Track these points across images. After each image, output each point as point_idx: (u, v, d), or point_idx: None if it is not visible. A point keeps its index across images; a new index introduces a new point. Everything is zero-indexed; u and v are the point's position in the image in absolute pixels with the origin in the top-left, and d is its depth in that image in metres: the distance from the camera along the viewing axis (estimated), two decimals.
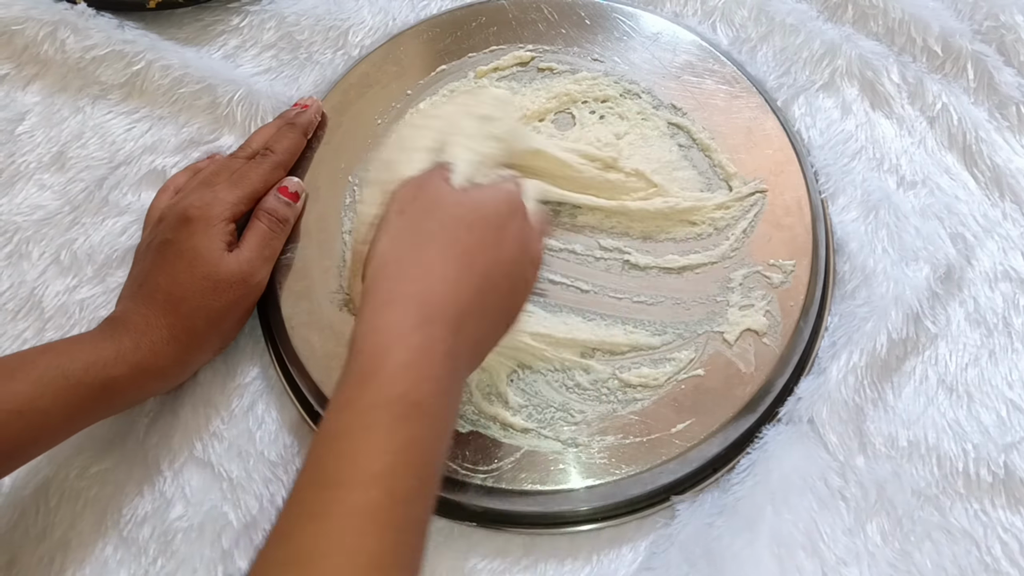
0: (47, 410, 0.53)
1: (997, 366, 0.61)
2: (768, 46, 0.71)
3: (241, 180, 0.62)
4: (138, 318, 0.57)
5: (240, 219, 0.61)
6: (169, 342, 0.57)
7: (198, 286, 0.58)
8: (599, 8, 0.70)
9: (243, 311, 0.61)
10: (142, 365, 0.56)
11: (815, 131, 0.68)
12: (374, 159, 0.60)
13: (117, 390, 0.55)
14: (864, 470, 0.58)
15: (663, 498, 0.59)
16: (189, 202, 0.60)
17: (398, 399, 0.44)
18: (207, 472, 0.60)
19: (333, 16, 0.73)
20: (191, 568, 0.58)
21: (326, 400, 0.59)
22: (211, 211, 0.59)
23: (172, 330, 0.57)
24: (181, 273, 0.58)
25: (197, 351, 0.59)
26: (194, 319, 0.58)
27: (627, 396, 0.58)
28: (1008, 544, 0.56)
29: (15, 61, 0.72)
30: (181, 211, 0.60)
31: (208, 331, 0.59)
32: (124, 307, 0.59)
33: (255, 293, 0.61)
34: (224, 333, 0.61)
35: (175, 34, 0.74)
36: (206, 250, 0.58)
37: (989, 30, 0.69)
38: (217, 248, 0.59)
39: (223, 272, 0.58)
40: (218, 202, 0.60)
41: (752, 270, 0.61)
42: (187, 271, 0.58)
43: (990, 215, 0.65)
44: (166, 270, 0.59)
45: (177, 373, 0.59)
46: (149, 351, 0.56)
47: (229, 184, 0.61)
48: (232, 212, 0.60)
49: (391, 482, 0.42)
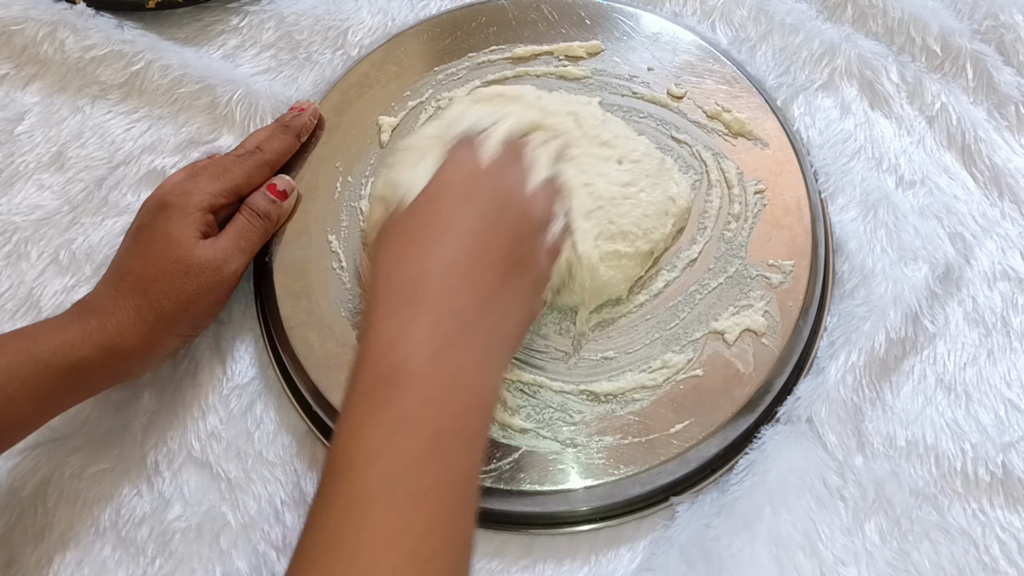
0: (15, 396, 0.53)
1: (995, 365, 0.61)
2: (767, 46, 0.71)
3: (224, 173, 0.62)
4: (106, 299, 0.57)
5: (222, 213, 0.61)
6: (136, 323, 0.57)
7: (169, 269, 0.58)
8: (599, 8, 0.70)
9: (214, 299, 0.60)
10: (107, 345, 0.56)
11: (814, 131, 0.68)
12: (384, 175, 0.60)
13: (85, 371, 0.55)
14: (862, 470, 0.58)
15: (662, 498, 0.59)
16: (168, 189, 0.61)
17: (389, 374, 0.45)
18: (205, 472, 0.60)
19: (332, 16, 0.73)
20: (189, 568, 0.58)
21: (325, 400, 0.60)
22: (188, 199, 0.60)
23: (139, 311, 0.57)
24: (153, 256, 0.58)
25: (164, 333, 0.58)
26: (162, 301, 0.57)
27: (626, 396, 0.58)
28: (1006, 543, 0.56)
29: (14, 61, 0.72)
30: (159, 197, 0.60)
31: (176, 314, 0.58)
32: (96, 290, 0.59)
33: (228, 281, 0.60)
34: (194, 318, 0.60)
35: (174, 34, 0.74)
36: (180, 235, 0.58)
37: (988, 30, 0.69)
38: (191, 235, 0.59)
39: (195, 257, 0.58)
40: (197, 191, 0.60)
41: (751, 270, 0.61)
42: (159, 254, 0.58)
43: (989, 214, 0.65)
44: (138, 253, 0.59)
45: (144, 354, 0.58)
46: (115, 330, 0.56)
47: (211, 176, 0.62)
48: (210, 202, 0.60)
49: (390, 456, 0.43)
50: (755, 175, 0.64)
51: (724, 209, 0.63)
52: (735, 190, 0.63)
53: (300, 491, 0.60)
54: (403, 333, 0.47)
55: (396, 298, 0.49)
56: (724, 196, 0.63)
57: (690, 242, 0.62)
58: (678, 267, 0.61)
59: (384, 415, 0.44)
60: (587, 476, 0.56)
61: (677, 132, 0.65)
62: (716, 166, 0.64)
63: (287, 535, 0.59)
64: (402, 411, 0.45)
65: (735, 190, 0.63)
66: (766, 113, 0.66)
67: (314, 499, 0.44)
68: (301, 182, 0.65)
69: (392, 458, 0.43)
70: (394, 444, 0.44)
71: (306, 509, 0.59)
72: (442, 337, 0.47)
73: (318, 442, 0.61)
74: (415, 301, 0.48)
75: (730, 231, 0.62)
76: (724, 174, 0.64)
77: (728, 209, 0.63)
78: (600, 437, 0.57)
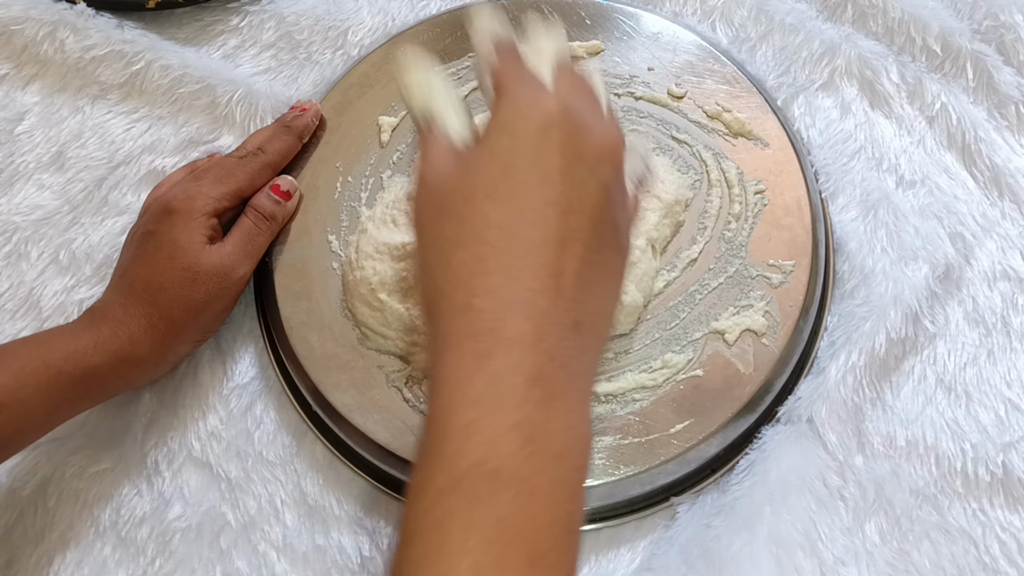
0: (28, 401, 0.53)
1: (996, 365, 0.61)
2: (767, 45, 0.71)
3: (227, 177, 0.62)
4: (117, 308, 0.57)
5: (226, 216, 0.61)
6: (147, 331, 0.57)
7: (177, 277, 0.58)
8: (599, 8, 0.70)
9: (223, 304, 0.60)
10: (120, 354, 0.56)
11: (814, 131, 0.68)
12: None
13: (97, 379, 0.56)
14: (863, 470, 0.58)
15: (662, 498, 0.59)
16: (173, 194, 0.61)
17: (467, 473, 0.37)
18: (205, 472, 0.60)
19: (332, 16, 0.73)
20: (189, 568, 0.58)
21: (325, 400, 0.59)
22: (193, 204, 0.60)
23: (150, 319, 0.57)
24: (160, 264, 0.58)
25: (175, 341, 0.59)
26: (172, 309, 0.58)
27: (626, 396, 0.58)
28: (1006, 543, 0.56)
29: (14, 61, 0.72)
30: (164, 203, 0.60)
31: (187, 321, 0.58)
32: (105, 298, 0.60)
33: (236, 287, 0.60)
34: (203, 325, 0.60)
35: (174, 34, 0.74)
36: (186, 242, 0.58)
37: (988, 29, 0.69)
38: (197, 241, 0.59)
39: (202, 264, 0.58)
40: (201, 196, 0.60)
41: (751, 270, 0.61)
42: (166, 262, 0.58)
43: (989, 214, 0.65)
44: (146, 260, 0.59)
45: (155, 362, 0.59)
46: (127, 340, 0.56)
47: (214, 180, 0.61)
48: (215, 207, 0.60)
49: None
50: (755, 175, 0.64)
51: (724, 209, 0.63)
52: (735, 190, 0.63)
53: (300, 491, 0.60)
54: (488, 407, 0.38)
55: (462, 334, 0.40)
56: (724, 196, 0.63)
57: (690, 242, 0.62)
58: (678, 267, 0.61)
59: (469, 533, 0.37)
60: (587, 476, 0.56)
61: (677, 132, 0.65)
62: (716, 166, 0.64)
63: (287, 535, 0.59)
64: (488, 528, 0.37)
65: (735, 190, 0.63)
66: (766, 113, 0.66)
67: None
68: (301, 182, 0.65)
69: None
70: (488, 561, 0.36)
71: (306, 509, 0.59)
72: (536, 404, 0.39)
73: (318, 442, 0.61)
74: (494, 344, 0.39)
75: (730, 231, 0.62)
76: (724, 174, 0.64)
77: (728, 209, 0.63)
78: (600, 437, 0.57)
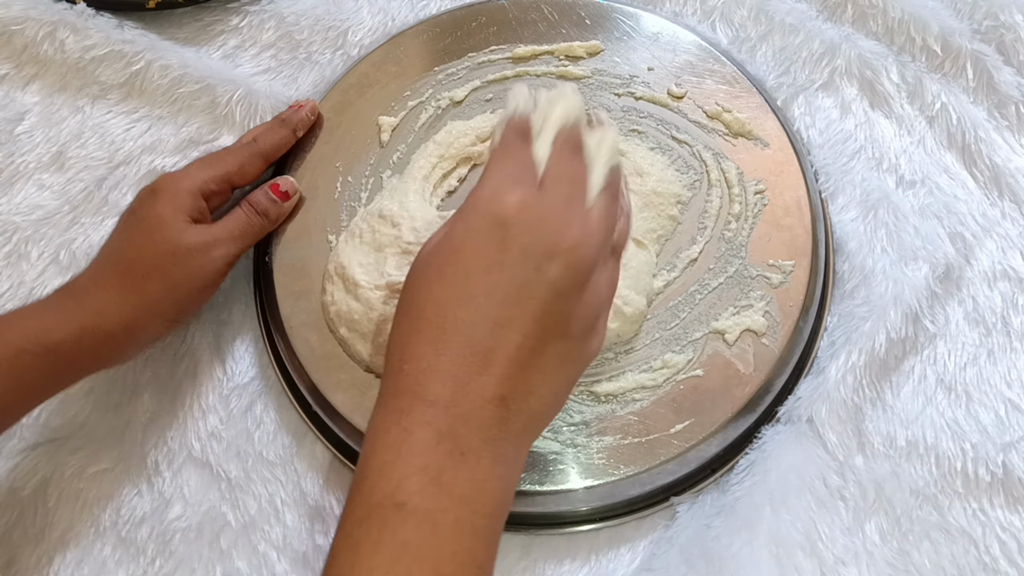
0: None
1: (996, 365, 0.61)
2: (767, 46, 0.71)
3: (216, 161, 0.62)
4: (87, 281, 0.57)
5: (214, 200, 0.61)
6: (117, 303, 0.56)
7: (156, 250, 0.57)
8: (599, 8, 0.70)
9: (202, 283, 0.59)
10: (86, 326, 0.55)
11: (814, 131, 0.68)
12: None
13: (62, 356, 0.54)
14: (863, 470, 0.58)
15: (662, 498, 0.59)
16: (160, 176, 0.61)
17: (379, 504, 0.41)
18: (205, 472, 0.60)
19: (332, 16, 0.73)
20: (189, 568, 0.58)
21: (325, 400, 0.59)
22: (179, 184, 0.59)
23: (121, 291, 0.56)
24: (140, 237, 0.58)
25: (146, 316, 0.57)
26: (147, 281, 0.57)
27: (626, 396, 0.58)
28: (1006, 543, 0.56)
29: (14, 61, 0.72)
30: (151, 184, 0.60)
31: (161, 296, 0.57)
32: (80, 274, 0.58)
33: (215, 266, 0.59)
34: (179, 302, 0.58)
35: (174, 34, 0.74)
36: (169, 217, 0.58)
37: (988, 29, 0.69)
38: (180, 218, 0.58)
39: (184, 239, 0.58)
40: (187, 177, 0.60)
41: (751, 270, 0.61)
42: (146, 235, 0.58)
43: (989, 214, 0.65)
44: (126, 235, 0.59)
45: (125, 338, 0.57)
46: (94, 311, 0.55)
47: (202, 163, 0.62)
48: (200, 187, 0.60)
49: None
50: (755, 175, 0.64)
51: (724, 209, 0.63)
52: (735, 190, 0.63)
53: (300, 491, 0.60)
54: (399, 453, 0.42)
55: (390, 393, 0.44)
56: (724, 196, 0.63)
57: (690, 242, 0.62)
58: (678, 267, 0.61)
59: (376, 553, 0.41)
60: (587, 476, 0.56)
61: (677, 132, 0.65)
62: (716, 166, 0.64)
63: (287, 535, 0.59)
64: (394, 549, 0.41)
65: (735, 190, 0.63)
66: (766, 113, 0.66)
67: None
68: (301, 182, 0.65)
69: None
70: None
71: (306, 509, 0.59)
72: (444, 454, 0.42)
73: (318, 442, 0.61)
74: (412, 403, 0.43)
75: (730, 231, 0.62)
76: (724, 174, 0.64)
77: (728, 209, 0.63)
78: (600, 437, 0.57)
